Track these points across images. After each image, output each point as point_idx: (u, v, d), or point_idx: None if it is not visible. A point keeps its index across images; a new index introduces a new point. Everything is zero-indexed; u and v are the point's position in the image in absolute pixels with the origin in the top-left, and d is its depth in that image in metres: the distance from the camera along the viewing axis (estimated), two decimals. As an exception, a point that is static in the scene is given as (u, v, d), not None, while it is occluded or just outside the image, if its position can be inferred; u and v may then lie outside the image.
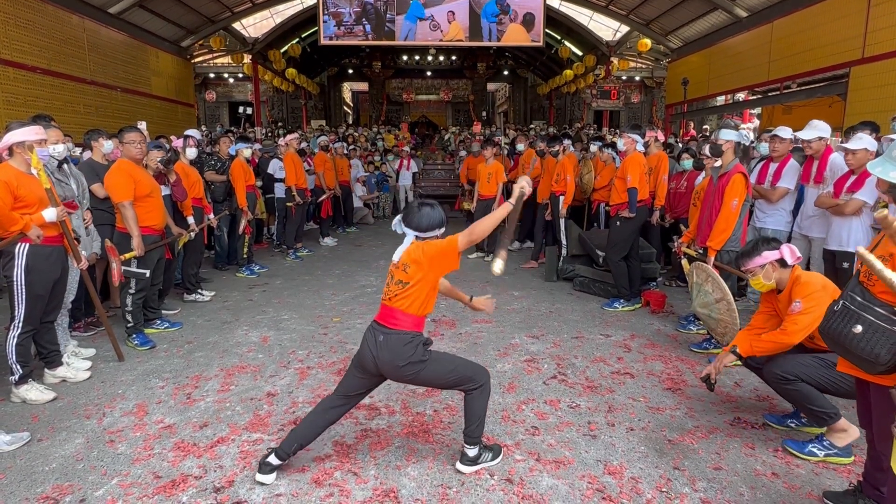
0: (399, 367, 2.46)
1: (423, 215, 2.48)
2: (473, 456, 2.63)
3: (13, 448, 2.81)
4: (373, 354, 2.48)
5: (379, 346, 2.47)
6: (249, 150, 6.92)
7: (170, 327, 4.68)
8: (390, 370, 2.49)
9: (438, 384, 2.61)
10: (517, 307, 5.35)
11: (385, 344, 2.46)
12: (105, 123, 9.98)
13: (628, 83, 21.47)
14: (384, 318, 2.50)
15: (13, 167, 3.23)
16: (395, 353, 2.45)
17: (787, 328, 2.73)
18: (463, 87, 25.39)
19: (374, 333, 2.50)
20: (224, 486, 2.52)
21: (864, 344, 1.93)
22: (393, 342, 2.45)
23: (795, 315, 2.71)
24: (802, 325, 2.69)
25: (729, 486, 2.54)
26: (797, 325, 2.70)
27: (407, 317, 2.46)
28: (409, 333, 2.47)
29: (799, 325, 2.70)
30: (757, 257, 2.84)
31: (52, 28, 9.92)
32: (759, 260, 2.83)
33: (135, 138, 4.22)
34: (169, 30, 14.23)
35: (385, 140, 15.88)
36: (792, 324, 2.72)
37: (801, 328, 2.69)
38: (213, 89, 20.97)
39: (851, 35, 9.06)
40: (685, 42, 15.12)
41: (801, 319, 2.69)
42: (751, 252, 2.88)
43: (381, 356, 2.46)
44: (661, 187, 5.86)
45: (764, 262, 2.82)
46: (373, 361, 2.49)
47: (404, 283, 2.45)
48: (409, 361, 2.46)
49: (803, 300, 2.70)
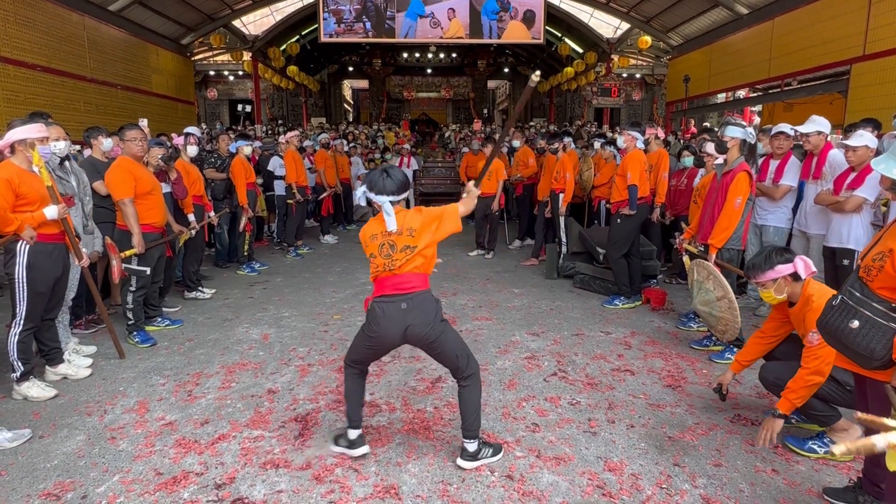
0: (432, 325, 2.51)
1: (391, 180, 2.49)
2: (473, 451, 2.64)
3: (14, 445, 2.82)
4: (402, 326, 2.48)
5: (407, 314, 2.47)
6: (250, 148, 6.91)
7: (171, 325, 4.68)
8: (423, 332, 2.50)
9: (454, 350, 2.60)
10: (517, 304, 5.35)
11: (413, 308, 2.48)
12: (105, 121, 9.98)
13: (629, 80, 21.45)
14: (399, 287, 2.49)
15: (15, 165, 3.23)
16: (427, 313, 2.50)
17: (813, 366, 2.50)
18: (463, 85, 25.36)
19: (394, 306, 2.48)
20: (225, 482, 2.53)
21: (860, 339, 1.94)
22: (420, 303, 2.49)
23: (816, 349, 2.50)
24: (828, 359, 2.46)
25: (729, 482, 2.54)
26: (822, 360, 2.48)
27: (422, 277, 2.52)
28: (429, 291, 2.54)
29: (823, 359, 2.48)
30: (769, 271, 2.66)
31: (52, 25, 9.91)
32: (771, 274, 2.66)
33: (136, 136, 4.22)
34: (169, 27, 14.22)
35: (385, 138, 15.86)
36: (815, 359, 2.50)
37: (828, 362, 2.46)
38: (213, 87, 20.97)
39: (852, 32, 9.04)
40: (686, 39, 15.10)
41: (823, 353, 2.47)
42: (762, 265, 2.69)
43: (414, 322, 2.48)
44: (661, 184, 5.86)
45: (777, 276, 2.66)
46: (401, 334, 2.50)
47: (412, 248, 2.46)
48: (439, 318, 2.54)
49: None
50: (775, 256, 2.68)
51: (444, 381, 3.62)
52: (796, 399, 2.55)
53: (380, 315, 2.51)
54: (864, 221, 4.02)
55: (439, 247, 2.65)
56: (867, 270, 2.03)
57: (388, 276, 2.50)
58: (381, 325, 2.51)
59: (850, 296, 2.01)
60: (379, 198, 2.49)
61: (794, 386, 2.55)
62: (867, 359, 1.94)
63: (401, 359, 3.99)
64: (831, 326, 2.04)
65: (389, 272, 2.49)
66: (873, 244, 2.12)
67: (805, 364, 2.54)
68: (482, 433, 2.76)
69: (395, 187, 2.49)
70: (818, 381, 2.52)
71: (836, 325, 2.02)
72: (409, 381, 3.63)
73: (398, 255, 2.47)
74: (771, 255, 2.70)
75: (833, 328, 2.03)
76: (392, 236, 2.49)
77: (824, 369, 2.49)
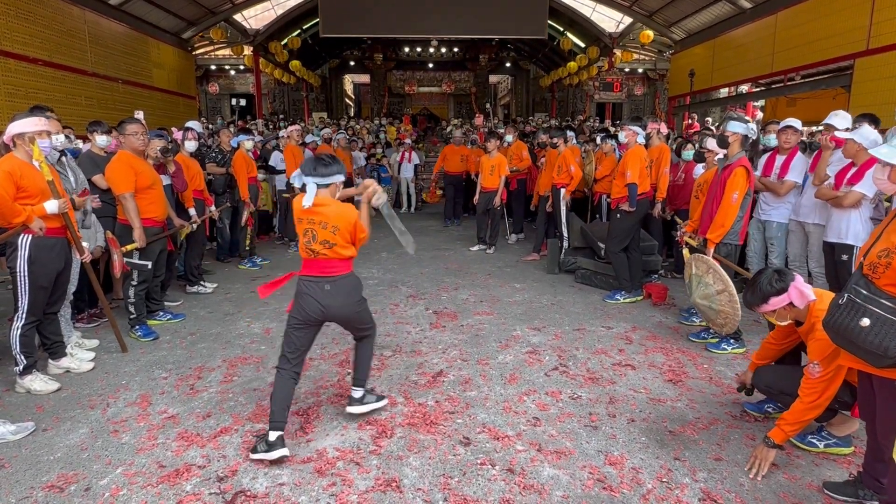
0: (354, 303, 2.81)
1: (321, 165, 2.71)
2: (359, 397, 3.03)
3: (18, 438, 2.84)
4: (321, 304, 2.71)
5: (327, 295, 2.72)
6: (251, 143, 6.91)
7: (172, 319, 4.69)
8: (345, 311, 2.80)
9: (364, 322, 2.95)
10: (519, 299, 5.36)
11: (335, 290, 2.73)
12: (106, 115, 9.97)
13: (631, 75, 21.40)
14: (323, 270, 2.73)
15: (17, 157, 3.24)
16: (349, 295, 2.79)
17: (810, 400, 2.42)
18: (465, 80, 25.30)
19: (318, 286, 2.72)
20: (227, 475, 2.54)
21: (871, 337, 1.92)
22: (343, 286, 2.76)
23: (815, 381, 2.39)
24: (828, 394, 2.40)
25: (729, 476, 2.55)
26: (822, 396, 2.40)
27: (345, 262, 2.77)
28: (350, 275, 2.82)
29: (823, 394, 2.40)
30: (764, 304, 2.55)
31: (53, 19, 9.89)
32: (766, 307, 2.55)
33: (137, 129, 4.22)
34: (170, 21, 14.18)
35: (387, 133, 15.84)
36: (814, 393, 2.41)
37: (828, 397, 2.41)
38: (214, 81, 20.94)
39: (856, 27, 9.00)
40: (688, 34, 15.03)
41: (820, 388, 2.39)
42: (756, 300, 2.57)
43: (332, 303, 2.73)
44: (662, 179, 5.83)
45: (773, 308, 2.55)
46: (321, 311, 2.73)
47: (331, 244, 2.70)
48: (360, 298, 2.86)
49: (822, 364, 2.37)
50: (767, 288, 2.52)
51: (445, 375, 3.63)
52: (791, 430, 2.49)
53: (307, 291, 2.74)
54: (863, 217, 4.01)
55: (441, 242, 2.68)
56: (872, 268, 2.02)
57: (315, 259, 2.73)
58: (305, 301, 2.74)
59: (857, 294, 1.99)
60: (306, 178, 2.71)
61: (789, 418, 2.48)
62: (879, 357, 1.93)
63: (402, 353, 4.00)
64: (839, 325, 2.02)
65: (320, 254, 2.71)
66: (874, 240, 2.11)
67: (803, 396, 2.44)
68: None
69: (323, 171, 2.70)
70: (814, 415, 2.46)
71: (844, 324, 2.00)
72: (411, 374, 3.64)
73: (317, 245, 2.70)
74: (763, 288, 2.53)
75: (841, 327, 2.01)
76: (315, 226, 2.69)
77: (822, 404, 2.41)
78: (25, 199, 3.23)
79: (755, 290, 2.56)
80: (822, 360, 2.37)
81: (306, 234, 2.72)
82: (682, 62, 15.57)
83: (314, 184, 2.69)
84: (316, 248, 2.70)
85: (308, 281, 2.75)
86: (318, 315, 2.75)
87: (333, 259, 2.72)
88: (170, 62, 14.59)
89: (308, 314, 2.74)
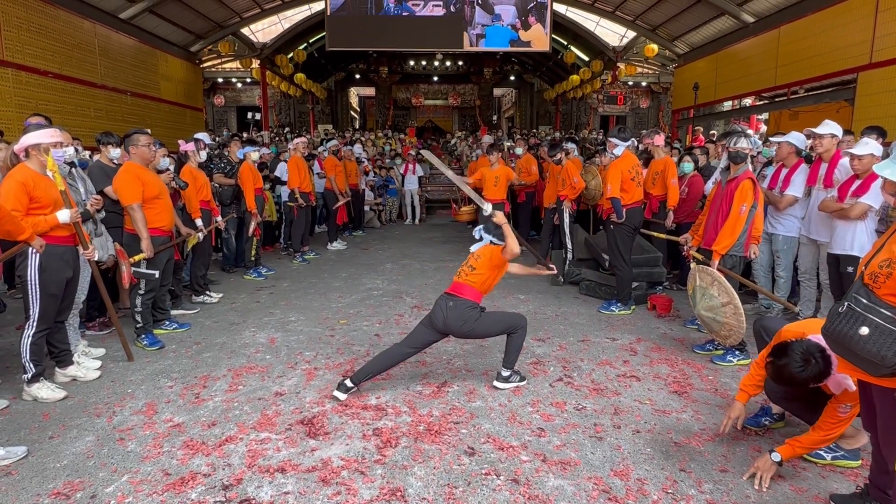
0: (461, 326, 3.38)
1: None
2: (507, 376, 3.57)
3: (7, 463, 2.68)
4: (443, 315, 3.36)
5: (448, 310, 3.36)
6: (257, 154, 6.97)
7: (178, 328, 4.72)
8: (455, 327, 3.38)
9: (490, 333, 3.53)
10: (523, 310, 5.36)
11: (453, 308, 3.37)
12: (114, 127, 10.06)
13: (635, 88, 21.50)
14: (454, 290, 3.45)
15: (29, 168, 3.28)
16: (460, 315, 3.37)
17: (827, 431, 2.47)
18: (469, 93, 25.47)
19: (445, 301, 3.41)
20: (233, 483, 2.54)
21: (870, 346, 1.93)
22: (459, 306, 3.39)
23: (843, 419, 2.44)
24: (845, 427, 2.49)
25: (735, 488, 2.54)
26: (839, 430, 2.47)
27: (472, 290, 3.44)
28: (470, 301, 3.42)
29: (843, 428, 2.47)
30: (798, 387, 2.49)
31: (65, 33, 10.05)
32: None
33: (147, 141, 4.29)
34: (178, 35, 14.38)
35: (391, 145, 15.95)
36: (836, 426, 2.45)
37: (844, 429, 2.49)
38: (221, 94, 21.15)
39: (859, 40, 9.05)
40: (692, 47, 15.14)
41: (845, 420, 2.45)
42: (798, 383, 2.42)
43: (448, 316, 3.35)
44: (671, 190, 5.85)
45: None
46: (442, 321, 3.36)
47: (473, 268, 3.47)
48: (466, 320, 3.39)
49: (854, 405, 2.40)
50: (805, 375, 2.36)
51: (449, 385, 3.63)
52: (801, 452, 2.55)
53: (438, 303, 3.45)
54: (868, 228, 4.01)
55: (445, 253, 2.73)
56: (873, 277, 2.03)
57: (455, 281, 3.49)
58: (434, 310, 3.44)
59: (857, 303, 2.01)
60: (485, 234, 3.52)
61: (805, 442, 2.50)
62: (877, 366, 1.93)
63: (406, 363, 4.00)
64: (838, 334, 2.03)
65: (457, 277, 3.50)
66: (876, 250, 2.12)
67: (825, 428, 2.47)
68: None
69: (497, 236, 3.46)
70: (826, 444, 2.56)
71: (843, 332, 2.01)
72: (415, 385, 3.64)
73: (465, 268, 3.51)
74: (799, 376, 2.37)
75: (840, 335, 2.02)
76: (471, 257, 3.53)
77: (834, 439, 2.52)
78: (38, 209, 3.27)
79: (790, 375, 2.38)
80: (854, 403, 2.40)
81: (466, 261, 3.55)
82: (685, 75, 15.66)
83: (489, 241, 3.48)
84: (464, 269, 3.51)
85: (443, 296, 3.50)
86: (439, 325, 3.41)
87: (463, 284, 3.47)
88: (178, 75, 14.77)
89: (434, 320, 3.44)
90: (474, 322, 3.39)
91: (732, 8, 12.20)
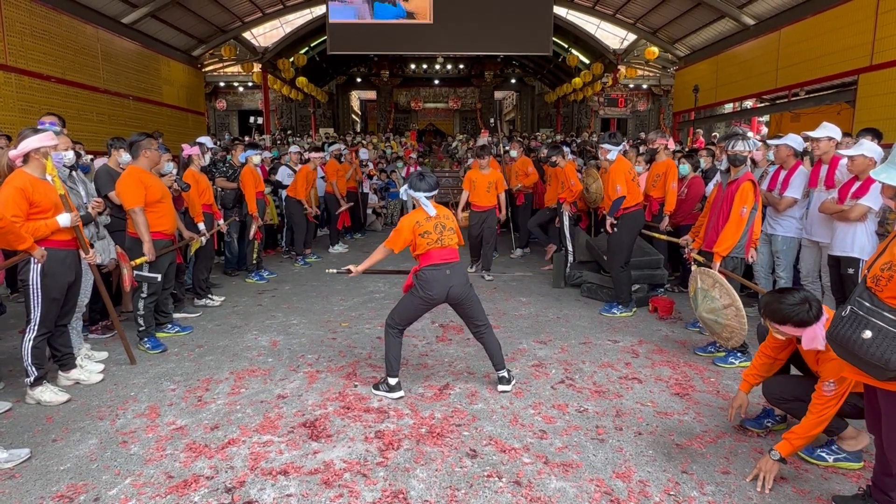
0: (468, 284, 3.50)
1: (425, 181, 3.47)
2: (507, 377, 3.59)
3: (9, 466, 2.70)
4: (448, 285, 3.38)
5: (450, 278, 3.39)
6: (259, 157, 6.98)
7: (181, 331, 4.73)
8: (463, 290, 3.45)
9: (480, 305, 3.60)
10: (525, 313, 5.37)
11: (455, 272, 3.42)
12: (117, 131, 10.11)
13: (636, 91, 21.51)
14: (450, 257, 3.44)
15: (28, 173, 3.28)
16: (464, 275, 3.48)
17: (820, 414, 2.47)
18: (470, 96, 25.50)
19: (442, 271, 3.38)
20: (235, 486, 2.55)
21: (873, 349, 1.93)
22: (461, 268, 3.47)
23: (828, 398, 2.45)
24: (836, 410, 2.47)
25: (737, 489, 2.54)
26: (832, 409, 2.46)
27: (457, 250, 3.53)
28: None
29: (833, 410, 2.46)
30: (775, 324, 2.57)
31: (68, 38, 10.08)
32: (776, 326, 2.58)
33: (154, 145, 4.33)
34: (180, 39, 14.43)
35: (391, 147, 15.98)
36: (826, 409, 2.46)
37: (835, 412, 2.48)
38: (222, 98, 21.20)
39: (859, 42, 9.05)
40: (692, 50, 15.15)
41: (832, 402, 2.45)
42: (774, 317, 2.56)
43: (455, 282, 3.40)
44: (670, 194, 5.87)
45: (783, 332, 2.59)
46: (447, 291, 3.39)
47: (452, 230, 3.48)
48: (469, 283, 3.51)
49: (837, 383, 2.42)
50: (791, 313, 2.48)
51: (451, 387, 3.63)
52: (799, 444, 2.52)
53: (436, 278, 3.37)
54: (868, 230, 4.01)
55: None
56: (875, 280, 2.03)
57: (443, 248, 3.40)
58: (434, 287, 3.37)
59: (860, 306, 2.01)
60: (417, 194, 3.44)
61: (799, 431, 2.50)
62: (881, 370, 1.93)
63: (408, 366, 4.02)
64: (842, 337, 2.03)
65: (445, 243, 3.41)
66: (879, 253, 2.13)
67: (814, 411, 2.48)
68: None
69: (430, 186, 3.46)
70: (822, 429, 2.50)
71: (846, 336, 2.01)
72: (417, 387, 3.64)
73: (447, 233, 3.43)
74: (785, 311, 2.49)
75: (844, 339, 2.02)
76: (437, 220, 3.42)
77: (826, 422, 2.48)
78: (38, 213, 3.28)
79: (781, 310, 2.51)
80: (837, 380, 2.40)
81: (436, 228, 3.40)
82: (686, 78, 15.67)
83: (425, 197, 3.44)
84: (447, 234, 3.43)
85: (437, 268, 3.38)
86: (441, 298, 3.41)
87: (453, 248, 3.47)
88: (180, 79, 14.82)
89: (435, 298, 3.40)
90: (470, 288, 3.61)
91: (733, 10, 12.22)
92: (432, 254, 3.38)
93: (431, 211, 3.42)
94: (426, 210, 3.43)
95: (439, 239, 3.39)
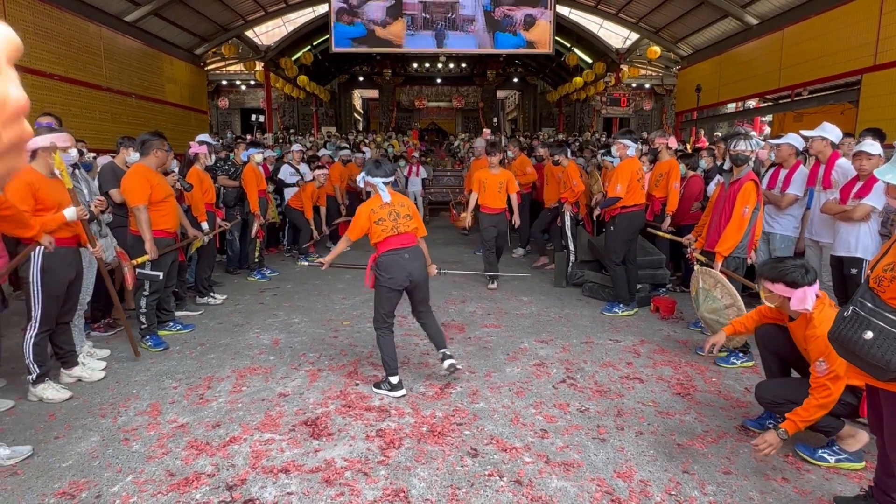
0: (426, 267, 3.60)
1: (381, 168, 3.53)
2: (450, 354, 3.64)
3: (11, 463, 2.71)
4: (407, 269, 3.43)
5: (409, 262, 3.44)
6: (261, 156, 6.99)
7: (182, 329, 4.74)
8: (422, 274, 3.52)
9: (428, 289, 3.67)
10: (526, 312, 5.37)
11: (413, 256, 3.48)
12: (120, 129, 10.13)
13: (638, 90, 21.48)
14: (407, 242, 3.48)
15: (34, 170, 3.30)
16: (422, 259, 3.56)
17: (821, 396, 2.48)
18: (473, 95, 25.48)
19: (400, 255, 3.42)
20: (237, 483, 2.55)
21: (875, 350, 1.92)
22: (419, 252, 3.55)
23: (825, 379, 2.47)
24: (836, 395, 2.48)
25: (738, 490, 2.54)
26: (832, 393, 2.47)
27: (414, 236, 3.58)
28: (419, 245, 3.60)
29: (832, 393, 2.47)
30: (770, 283, 2.66)
31: (70, 36, 10.10)
32: (769, 286, 2.66)
33: (164, 145, 4.35)
34: (183, 38, 14.44)
35: (393, 146, 15.97)
36: (825, 389, 2.47)
37: (834, 399, 2.48)
38: (225, 96, 21.22)
39: (863, 42, 9.03)
40: (695, 49, 15.12)
41: (832, 385, 2.46)
42: (769, 276, 2.66)
43: (414, 266, 3.46)
44: (672, 194, 5.85)
45: (774, 291, 2.66)
46: (407, 276, 3.43)
47: (409, 216, 3.54)
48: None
49: (828, 360, 2.45)
50: (786, 273, 2.59)
51: (452, 386, 3.63)
52: (802, 424, 2.54)
53: (396, 263, 3.40)
54: (871, 230, 4.01)
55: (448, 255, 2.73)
56: (878, 281, 2.03)
57: (401, 234, 3.45)
58: (395, 272, 3.40)
59: (862, 307, 2.01)
60: (374, 180, 3.47)
61: (802, 413, 2.52)
62: (882, 370, 1.93)
63: (410, 364, 4.02)
64: (843, 338, 2.03)
65: (402, 230, 3.45)
66: (882, 254, 2.12)
67: (814, 393, 2.50)
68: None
69: (386, 173, 3.52)
70: (823, 412, 2.51)
71: (848, 336, 2.01)
72: (419, 386, 3.65)
73: (402, 220, 3.47)
74: (781, 270, 2.61)
75: (845, 340, 2.02)
76: (391, 207, 3.45)
77: (831, 402, 2.48)
78: (42, 211, 3.29)
79: (777, 268, 2.64)
80: (826, 357, 2.44)
81: (390, 215, 3.44)
82: (689, 77, 15.64)
83: (382, 182, 3.46)
84: (402, 221, 3.47)
85: (395, 252, 3.42)
86: (404, 282, 3.44)
87: (411, 233, 3.51)
88: (182, 77, 14.84)
89: (399, 282, 3.42)
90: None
91: (736, 10, 12.19)
92: (390, 240, 3.44)
93: (386, 197, 3.44)
94: (382, 196, 3.45)
95: (395, 227, 3.44)
